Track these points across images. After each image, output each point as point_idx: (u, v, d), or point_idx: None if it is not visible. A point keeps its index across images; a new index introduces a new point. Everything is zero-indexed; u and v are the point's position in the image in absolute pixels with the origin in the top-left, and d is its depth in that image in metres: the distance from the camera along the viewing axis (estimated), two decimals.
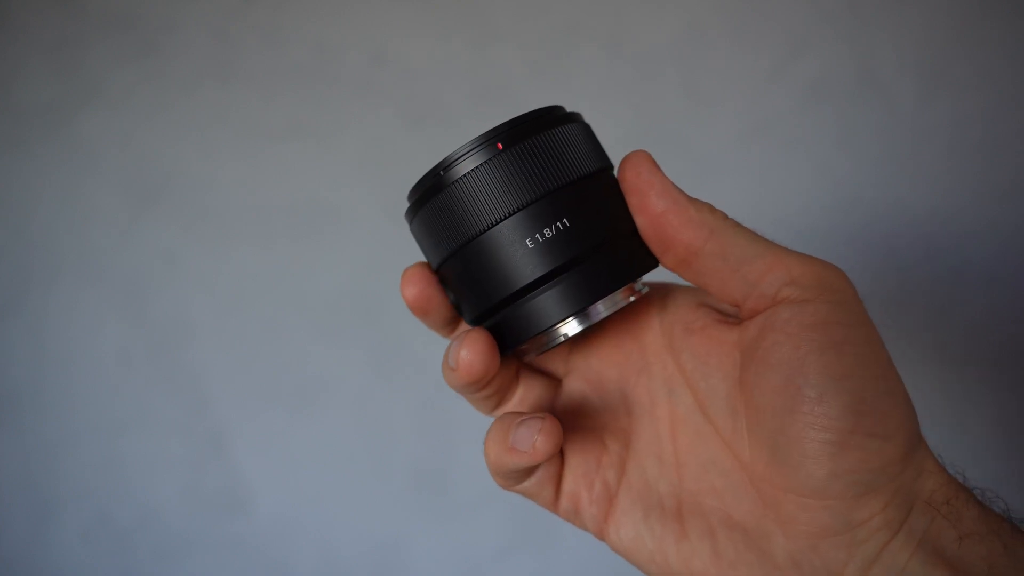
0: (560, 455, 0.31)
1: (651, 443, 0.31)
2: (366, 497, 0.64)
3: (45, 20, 0.68)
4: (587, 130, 0.30)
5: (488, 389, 0.30)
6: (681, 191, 0.28)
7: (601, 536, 0.31)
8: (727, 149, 0.65)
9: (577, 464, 0.31)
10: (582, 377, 0.34)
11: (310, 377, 0.65)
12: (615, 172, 0.30)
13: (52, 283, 0.66)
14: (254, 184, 0.67)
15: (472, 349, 0.28)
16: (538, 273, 0.27)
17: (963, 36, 0.65)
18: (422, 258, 0.33)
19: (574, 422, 0.32)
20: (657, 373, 0.32)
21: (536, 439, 0.27)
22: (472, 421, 0.62)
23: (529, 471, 0.30)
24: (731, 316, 0.30)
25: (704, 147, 0.65)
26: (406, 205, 0.33)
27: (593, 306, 0.28)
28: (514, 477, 0.30)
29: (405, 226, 0.33)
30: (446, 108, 0.67)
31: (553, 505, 0.31)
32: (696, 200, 0.28)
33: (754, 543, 0.27)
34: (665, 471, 0.30)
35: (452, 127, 0.67)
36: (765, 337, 0.26)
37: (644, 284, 0.31)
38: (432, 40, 0.68)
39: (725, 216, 0.28)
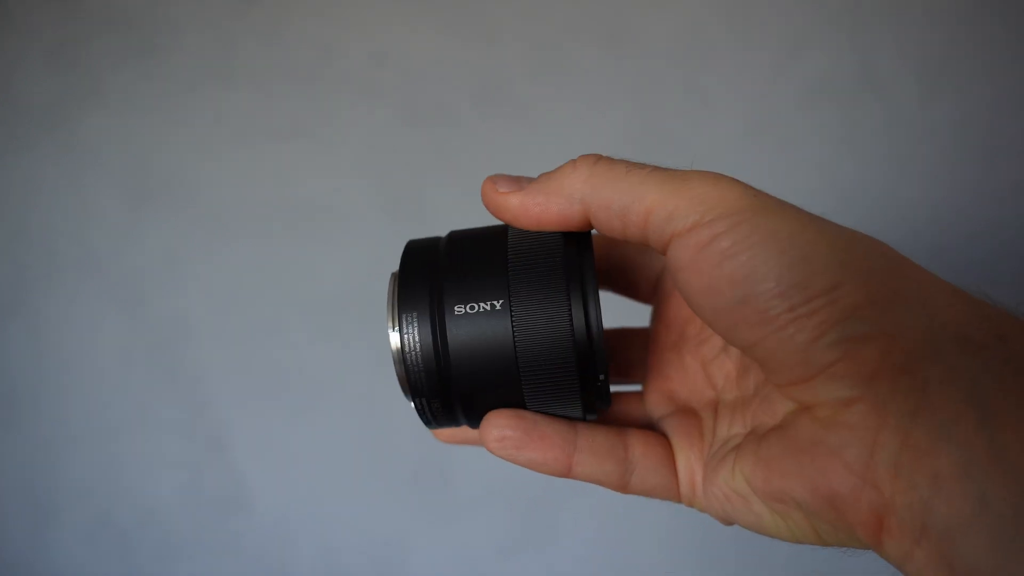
0: (663, 440, 0.31)
1: (726, 398, 0.31)
2: (366, 497, 0.64)
3: (45, 19, 0.68)
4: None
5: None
6: (540, 177, 0.28)
7: (708, 510, 0.30)
8: (727, 149, 0.65)
9: (681, 441, 0.31)
10: (655, 386, 0.34)
11: (310, 377, 0.65)
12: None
13: (52, 283, 0.66)
14: (254, 184, 0.67)
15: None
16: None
17: (964, 36, 0.65)
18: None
19: (668, 409, 0.33)
20: (706, 339, 0.33)
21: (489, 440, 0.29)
22: None
23: (602, 456, 0.30)
24: None
25: (704, 147, 0.65)
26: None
27: None
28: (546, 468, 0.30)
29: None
30: (446, 108, 0.67)
31: (676, 494, 0.30)
32: (554, 173, 0.28)
33: (783, 436, 0.26)
34: (736, 418, 0.30)
35: (452, 127, 0.67)
36: (677, 279, 0.26)
37: None
38: (432, 40, 0.68)
39: (591, 171, 0.27)
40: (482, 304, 0.28)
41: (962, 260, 0.63)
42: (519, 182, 0.29)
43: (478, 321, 0.28)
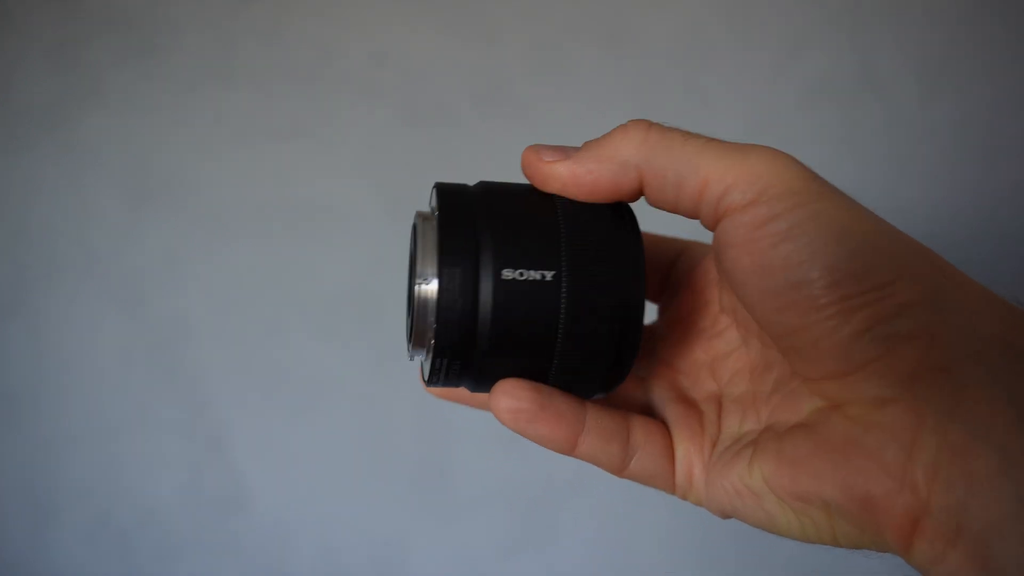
0: (664, 428, 0.31)
1: (733, 393, 0.31)
2: (366, 497, 0.64)
3: (44, 19, 0.68)
4: None
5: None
6: (587, 144, 0.28)
7: (707, 503, 0.30)
8: None
9: (682, 431, 0.30)
10: (660, 374, 0.34)
11: (310, 377, 0.65)
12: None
13: (51, 283, 0.66)
14: (254, 184, 0.67)
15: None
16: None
17: (964, 36, 0.65)
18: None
19: (670, 397, 0.32)
20: (720, 332, 0.32)
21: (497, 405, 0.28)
22: (472, 421, 0.62)
23: (609, 435, 0.29)
24: None
25: None
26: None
27: None
28: (593, 450, 0.29)
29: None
30: (446, 108, 0.67)
31: (671, 484, 0.30)
32: (602, 139, 0.27)
33: (813, 433, 0.25)
34: (748, 414, 0.29)
35: (452, 127, 0.67)
36: (725, 256, 0.25)
37: None
38: (432, 40, 0.68)
39: (645, 136, 0.27)
40: (533, 272, 0.26)
41: (962, 260, 0.63)
42: (564, 151, 0.28)
43: (527, 289, 0.26)
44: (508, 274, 0.26)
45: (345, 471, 0.64)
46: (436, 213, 0.28)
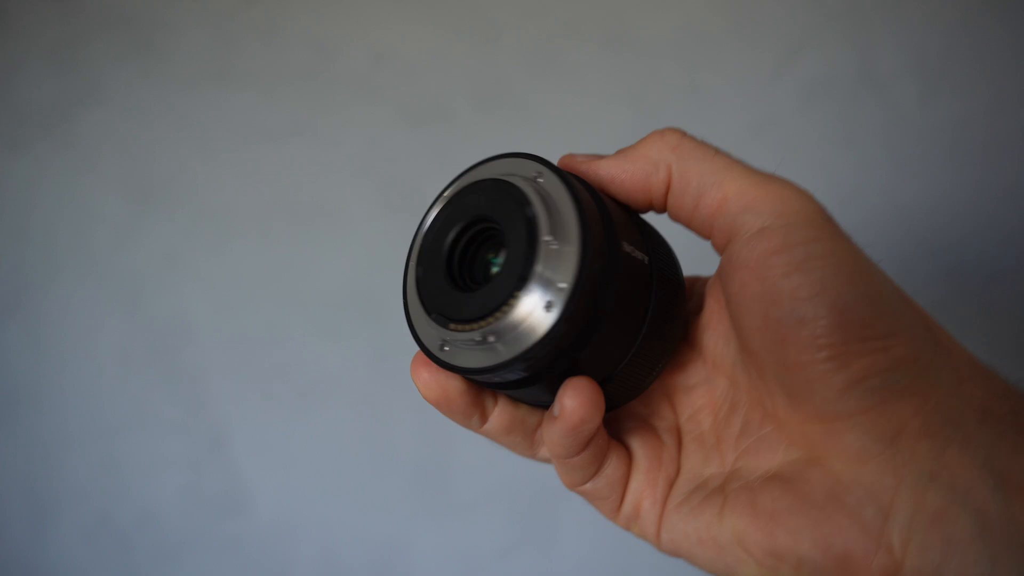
0: (628, 455, 0.30)
1: (695, 434, 0.30)
2: (366, 497, 0.64)
3: (44, 19, 0.68)
4: None
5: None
6: (620, 151, 0.28)
7: (655, 539, 0.29)
8: (728, 148, 0.65)
9: (641, 462, 0.29)
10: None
11: (310, 376, 0.65)
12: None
13: (51, 282, 0.66)
14: (254, 184, 0.67)
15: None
16: None
17: (964, 36, 0.65)
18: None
19: (635, 424, 0.31)
20: (686, 364, 0.31)
21: (563, 397, 0.25)
22: None
23: (593, 457, 0.28)
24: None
25: None
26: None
27: None
28: (574, 466, 0.28)
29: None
30: (446, 107, 0.67)
31: (616, 511, 0.29)
32: (637, 144, 0.27)
33: (792, 487, 0.24)
34: (710, 456, 0.29)
35: (452, 127, 0.67)
36: (732, 278, 0.25)
37: None
38: (432, 40, 0.68)
39: (680, 141, 0.27)
40: (638, 253, 0.26)
41: (962, 260, 0.63)
42: (594, 157, 0.29)
43: (635, 266, 0.25)
44: (627, 247, 0.26)
45: (345, 471, 0.64)
46: (541, 179, 0.26)
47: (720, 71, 0.66)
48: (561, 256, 0.23)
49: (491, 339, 0.23)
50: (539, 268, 0.23)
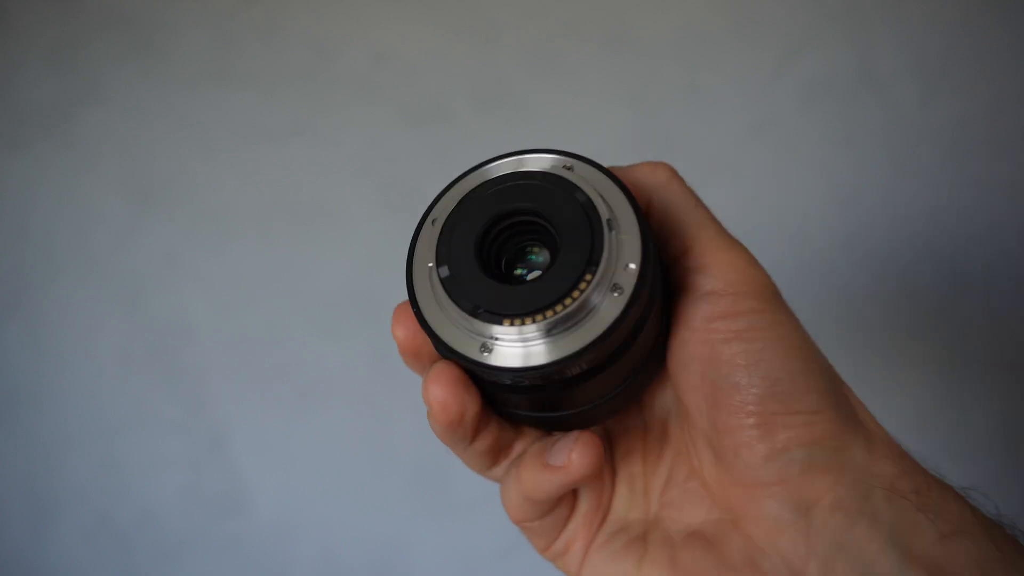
0: (574, 496, 0.30)
1: (627, 476, 0.30)
2: (366, 497, 0.64)
3: (44, 19, 0.68)
4: None
5: (479, 440, 0.28)
6: (613, 169, 0.28)
7: (576, 574, 0.30)
8: (728, 149, 0.65)
9: (583, 504, 0.30)
10: None
11: (310, 376, 0.65)
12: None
13: (51, 282, 0.66)
14: (254, 184, 0.67)
15: (440, 383, 0.25)
16: None
17: (964, 36, 0.65)
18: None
19: None
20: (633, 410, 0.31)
21: (572, 451, 0.25)
22: None
23: (557, 500, 0.28)
24: None
25: (705, 147, 0.65)
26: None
27: None
28: (541, 506, 0.28)
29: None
30: (446, 107, 0.67)
31: (547, 547, 0.30)
32: (630, 167, 0.28)
33: (712, 548, 0.26)
34: (636, 500, 0.30)
35: (452, 127, 0.67)
36: (676, 334, 0.26)
37: None
38: (432, 40, 0.68)
39: (669, 177, 0.27)
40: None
41: (962, 259, 0.63)
42: None
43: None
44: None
45: (345, 471, 0.64)
46: (572, 169, 0.25)
47: (720, 71, 0.66)
48: (622, 240, 0.23)
49: (555, 330, 0.22)
50: (606, 251, 0.22)
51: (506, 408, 0.27)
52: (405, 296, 0.26)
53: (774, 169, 0.65)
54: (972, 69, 0.65)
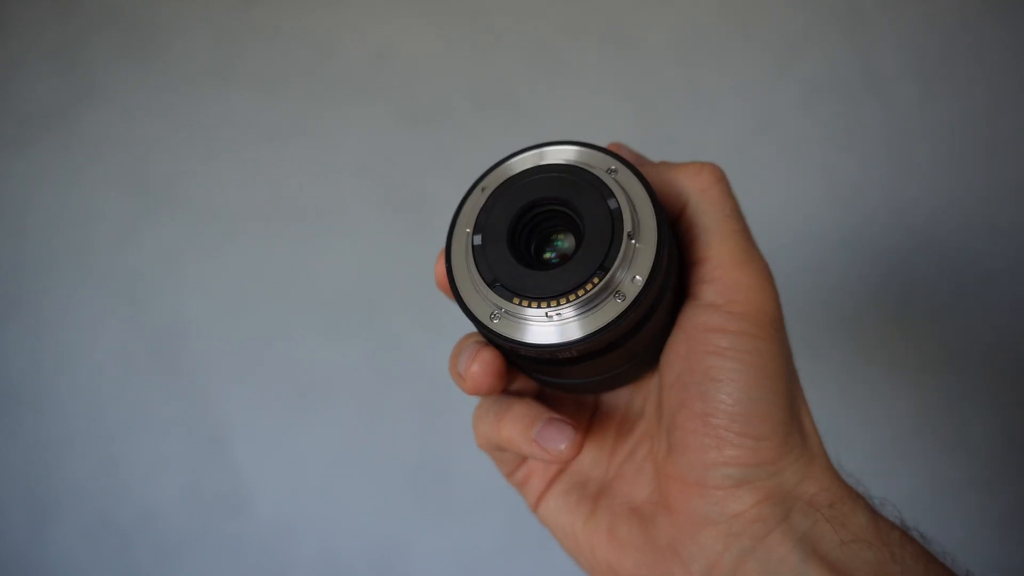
0: None
1: (599, 437, 0.34)
2: (366, 497, 0.64)
3: (44, 19, 0.68)
4: None
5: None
6: (663, 164, 0.30)
7: (533, 507, 0.34)
8: (728, 148, 0.65)
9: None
10: None
11: (310, 377, 0.65)
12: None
13: (51, 283, 0.66)
14: (254, 183, 0.67)
15: (483, 366, 0.29)
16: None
17: (964, 36, 0.65)
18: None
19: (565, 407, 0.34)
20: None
21: (563, 445, 0.28)
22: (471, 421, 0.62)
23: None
24: None
25: (705, 146, 0.65)
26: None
27: None
28: (505, 451, 0.31)
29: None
30: (446, 108, 0.67)
31: (510, 473, 0.34)
32: (678, 166, 0.29)
33: (645, 527, 0.29)
34: (600, 461, 0.33)
35: (452, 126, 0.67)
36: (672, 333, 0.29)
37: None
38: (432, 40, 0.68)
39: (711, 181, 0.29)
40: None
41: (962, 259, 0.63)
42: (640, 158, 0.31)
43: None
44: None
45: (345, 471, 0.64)
46: (617, 174, 0.27)
47: (720, 71, 0.66)
48: (638, 252, 0.25)
49: (555, 317, 0.25)
50: (619, 260, 0.25)
51: (514, 361, 0.30)
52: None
53: (774, 169, 0.65)
54: (972, 69, 0.65)
